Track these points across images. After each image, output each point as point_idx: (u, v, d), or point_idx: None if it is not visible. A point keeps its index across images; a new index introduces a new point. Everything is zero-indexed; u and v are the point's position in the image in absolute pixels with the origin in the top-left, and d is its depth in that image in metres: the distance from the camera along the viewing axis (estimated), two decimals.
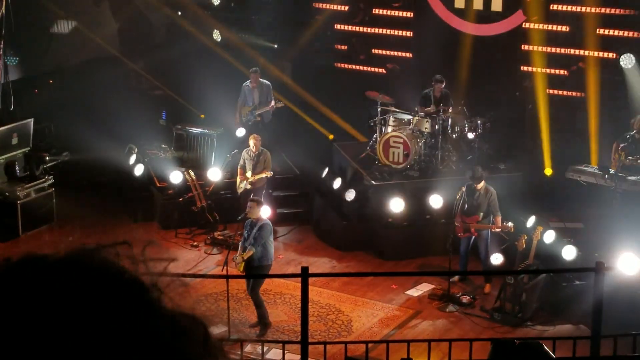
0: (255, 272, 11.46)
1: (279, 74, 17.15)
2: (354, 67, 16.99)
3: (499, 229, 12.48)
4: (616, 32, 14.52)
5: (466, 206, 12.57)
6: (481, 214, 12.57)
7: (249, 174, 13.94)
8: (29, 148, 14.90)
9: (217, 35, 17.90)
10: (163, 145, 15.88)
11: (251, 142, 14.00)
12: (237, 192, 14.01)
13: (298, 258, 13.84)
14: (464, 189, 12.67)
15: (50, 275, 1.14)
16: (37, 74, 17.44)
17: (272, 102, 15.62)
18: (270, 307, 11.88)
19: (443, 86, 14.73)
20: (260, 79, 15.64)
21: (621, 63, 14.28)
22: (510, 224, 12.37)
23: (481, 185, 12.58)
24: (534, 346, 4.25)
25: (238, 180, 14.09)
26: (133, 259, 1.19)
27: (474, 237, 12.67)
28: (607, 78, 14.52)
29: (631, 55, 14.20)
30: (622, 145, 13.09)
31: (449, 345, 8.34)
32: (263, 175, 13.92)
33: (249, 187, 13.78)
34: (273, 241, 11.86)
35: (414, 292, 12.79)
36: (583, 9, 14.64)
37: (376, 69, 16.74)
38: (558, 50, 15.04)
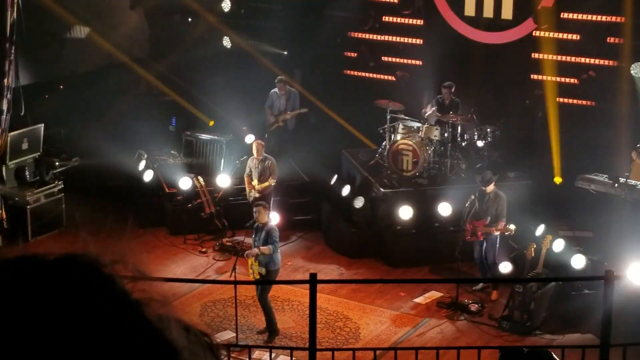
0: (262, 277, 11.45)
1: (289, 81, 17.15)
2: (363, 74, 16.99)
3: (500, 232, 12.45)
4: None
5: (477, 210, 12.57)
6: (489, 218, 12.56)
7: (255, 182, 13.92)
8: (39, 153, 14.92)
9: (227, 42, 17.92)
10: (172, 152, 15.89)
11: (254, 148, 13.99)
12: (249, 199, 13.99)
13: (306, 265, 13.84)
14: (473, 196, 12.68)
15: (41, 276, 1.12)
16: (48, 80, 17.47)
17: (298, 110, 15.68)
18: (278, 314, 11.88)
19: (452, 90, 14.73)
20: (289, 87, 15.70)
21: (632, 72, 14.25)
22: (511, 226, 12.35)
23: (491, 189, 12.58)
24: (542, 354, 4.24)
25: (247, 189, 14.10)
26: (131, 273, 1.15)
27: (485, 243, 12.65)
28: (617, 86, 14.48)
29: None
30: (633, 153, 13.08)
31: (457, 353, 8.31)
32: (266, 184, 13.90)
33: (257, 195, 13.75)
34: (279, 247, 11.84)
35: (422, 300, 12.76)
36: (593, 18, 14.62)
37: (386, 77, 16.73)
38: (568, 58, 15.02)
